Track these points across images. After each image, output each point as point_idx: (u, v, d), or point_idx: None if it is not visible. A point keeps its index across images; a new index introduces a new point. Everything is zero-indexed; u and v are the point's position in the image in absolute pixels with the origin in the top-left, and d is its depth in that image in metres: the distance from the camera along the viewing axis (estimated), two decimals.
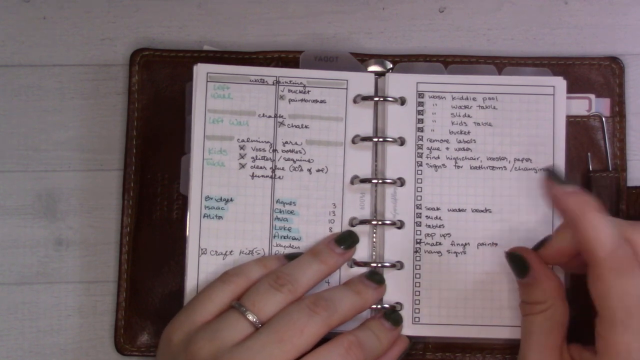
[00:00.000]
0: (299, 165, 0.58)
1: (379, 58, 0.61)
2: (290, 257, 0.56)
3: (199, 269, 0.57)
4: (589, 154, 0.60)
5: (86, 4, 0.64)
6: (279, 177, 0.58)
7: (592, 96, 0.61)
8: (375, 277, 0.56)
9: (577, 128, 0.60)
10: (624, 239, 0.47)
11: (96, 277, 0.61)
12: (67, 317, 0.61)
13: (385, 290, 0.57)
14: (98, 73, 0.63)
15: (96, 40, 0.63)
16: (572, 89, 0.60)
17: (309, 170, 0.58)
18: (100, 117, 0.62)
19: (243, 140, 0.58)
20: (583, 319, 0.58)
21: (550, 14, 0.64)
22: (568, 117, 0.59)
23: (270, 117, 0.59)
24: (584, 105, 0.61)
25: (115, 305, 0.60)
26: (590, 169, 0.60)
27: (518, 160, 0.58)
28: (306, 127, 0.59)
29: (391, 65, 0.61)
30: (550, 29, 0.64)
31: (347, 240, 0.56)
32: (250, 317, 0.51)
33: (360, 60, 0.61)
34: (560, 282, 0.51)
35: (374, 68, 0.61)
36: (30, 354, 0.60)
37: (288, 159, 0.58)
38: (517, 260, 0.52)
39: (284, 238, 0.58)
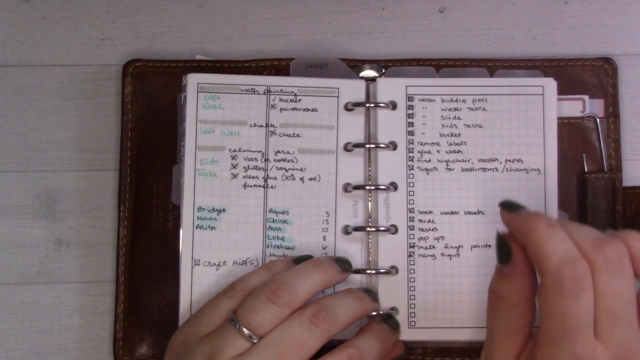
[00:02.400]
0: (292, 174, 0.58)
1: (370, 63, 0.61)
2: (298, 261, 0.55)
3: (192, 280, 0.57)
4: (583, 155, 0.60)
5: (86, 4, 0.64)
6: (272, 187, 0.58)
7: (586, 97, 0.61)
8: (372, 295, 0.56)
9: (572, 129, 0.61)
10: (582, 255, 0.45)
11: (96, 277, 0.61)
12: (67, 317, 0.61)
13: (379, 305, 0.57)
14: (98, 73, 0.63)
15: (96, 40, 0.63)
16: (565, 90, 0.60)
17: (302, 179, 0.58)
18: (100, 117, 0.62)
19: (235, 150, 0.58)
20: None
21: (550, 14, 0.64)
22: (562, 118, 0.60)
23: (261, 126, 0.58)
24: (578, 106, 0.61)
25: (114, 306, 0.60)
26: (586, 170, 0.60)
27: (509, 161, 0.58)
28: (298, 135, 0.58)
29: (383, 70, 0.61)
30: (550, 29, 0.63)
31: (343, 263, 0.56)
32: (247, 333, 0.50)
33: (351, 66, 0.61)
34: (534, 287, 0.48)
35: (365, 73, 0.60)
36: (30, 354, 0.61)
37: (280, 168, 0.58)
38: (504, 246, 0.49)
39: (278, 247, 0.58)
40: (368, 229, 0.58)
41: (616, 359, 0.45)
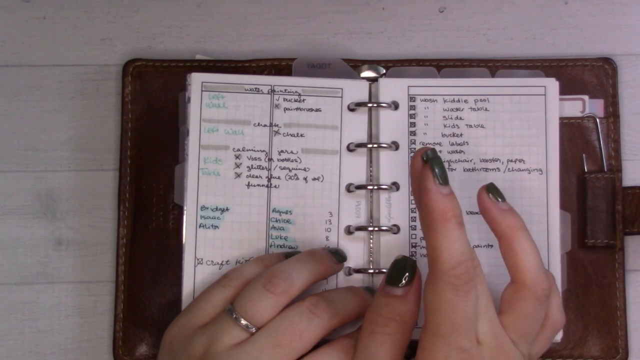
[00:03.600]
0: (295, 174, 0.58)
1: (372, 63, 0.61)
2: (289, 256, 0.55)
3: (195, 279, 0.57)
4: (583, 155, 0.61)
5: (86, 4, 0.64)
6: (275, 186, 0.58)
7: (586, 97, 0.61)
8: (373, 294, 0.56)
9: (572, 129, 0.61)
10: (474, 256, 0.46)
11: (96, 277, 0.61)
12: (67, 317, 0.61)
13: None
14: (98, 73, 0.63)
15: (96, 40, 0.63)
16: (565, 90, 0.61)
17: (305, 179, 0.58)
18: (101, 117, 0.62)
19: (238, 150, 0.58)
20: (579, 321, 0.59)
21: (550, 14, 0.64)
22: (562, 118, 0.60)
23: (265, 126, 0.58)
24: (578, 106, 0.61)
25: (114, 305, 0.60)
26: (586, 170, 0.60)
27: (511, 161, 0.58)
28: (302, 135, 0.58)
29: (384, 71, 0.61)
30: (550, 29, 0.63)
31: (338, 255, 0.56)
32: (244, 323, 0.50)
33: (353, 66, 0.61)
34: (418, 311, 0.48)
35: (367, 74, 0.61)
36: (30, 354, 0.61)
37: (284, 168, 0.58)
38: (404, 268, 0.49)
39: (281, 247, 0.58)
40: (370, 228, 0.58)
41: (490, 352, 0.47)
